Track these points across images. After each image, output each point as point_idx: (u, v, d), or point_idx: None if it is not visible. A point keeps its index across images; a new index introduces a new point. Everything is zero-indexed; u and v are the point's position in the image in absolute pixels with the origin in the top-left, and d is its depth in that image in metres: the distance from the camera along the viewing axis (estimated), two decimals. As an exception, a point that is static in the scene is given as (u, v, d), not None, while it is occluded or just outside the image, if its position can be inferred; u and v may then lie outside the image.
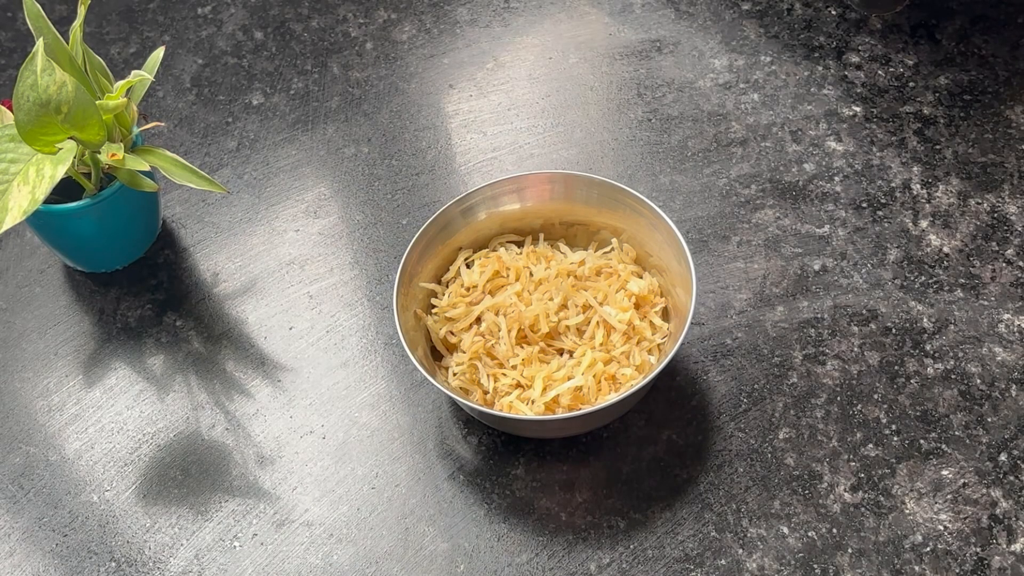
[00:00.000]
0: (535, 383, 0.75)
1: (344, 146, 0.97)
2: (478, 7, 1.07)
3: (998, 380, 0.79)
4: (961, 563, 0.71)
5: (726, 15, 1.04)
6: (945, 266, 0.85)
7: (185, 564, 0.75)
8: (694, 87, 0.99)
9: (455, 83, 1.01)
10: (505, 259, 0.81)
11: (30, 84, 0.73)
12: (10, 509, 0.78)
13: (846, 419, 0.78)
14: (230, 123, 0.99)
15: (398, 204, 0.93)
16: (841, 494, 0.75)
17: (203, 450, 0.80)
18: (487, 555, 0.74)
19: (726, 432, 0.78)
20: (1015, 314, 0.82)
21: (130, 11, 1.09)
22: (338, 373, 0.83)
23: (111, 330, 0.86)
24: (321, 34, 1.06)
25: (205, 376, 0.83)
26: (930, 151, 0.92)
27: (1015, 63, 0.98)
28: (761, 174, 0.92)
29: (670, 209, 0.90)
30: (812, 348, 0.82)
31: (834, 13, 1.03)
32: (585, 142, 0.96)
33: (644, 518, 0.75)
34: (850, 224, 0.88)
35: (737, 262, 0.87)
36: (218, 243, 0.91)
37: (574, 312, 0.78)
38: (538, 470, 0.77)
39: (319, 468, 0.78)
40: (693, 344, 0.82)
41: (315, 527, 0.76)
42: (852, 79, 0.98)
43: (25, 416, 0.82)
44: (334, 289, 0.88)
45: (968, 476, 0.75)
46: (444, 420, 0.80)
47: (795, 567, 0.72)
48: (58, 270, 0.90)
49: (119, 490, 0.78)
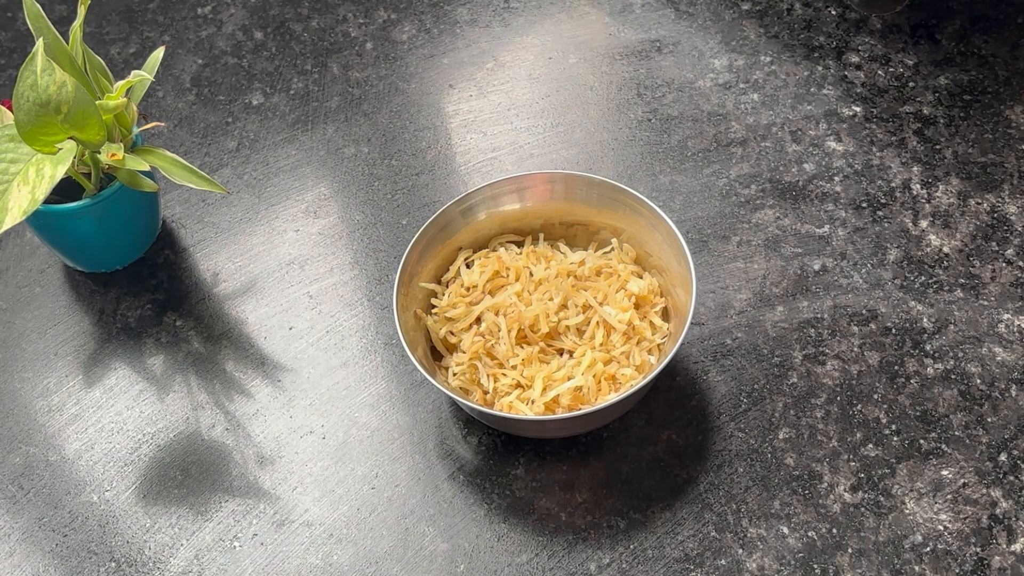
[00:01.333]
0: (535, 383, 0.75)
1: (344, 146, 0.97)
2: (478, 7, 1.07)
3: (998, 380, 0.79)
4: (961, 563, 0.71)
5: (726, 15, 1.04)
6: (945, 266, 0.85)
7: (185, 564, 0.75)
8: (694, 87, 0.99)
9: (455, 83, 1.01)
10: (505, 259, 0.81)
11: (30, 84, 0.73)
12: (10, 509, 0.78)
13: (846, 419, 0.78)
14: (230, 123, 0.99)
15: (398, 204, 0.93)
16: (841, 494, 0.75)
17: (203, 450, 0.80)
18: (487, 555, 0.74)
19: (726, 432, 0.78)
20: (1015, 314, 0.82)
21: (130, 11, 1.09)
22: (338, 373, 0.83)
23: (111, 330, 0.86)
24: (321, 34, 1.06)
25: (205, 376, 0.83)
26: (930, 151, 0.92)
27: (1015, 63, 0.98)
28: (761, 174, 0.92)
29: (670, 209, 0.90)
30: (812, 348, 0.82)
31: (834, 13, 1.03)
32: (585, 142, 0.96)
33: (644, 518, 0.75)
34: (850, 224, 0.88)
35: (737, 262, 0.87)
36: (218, 243, 0.91)
37: (574, 312, 0.78)
38: (538, 470, 0.77)
39: (319, 468, 0.78)
40: (693, 344, 0.82)
41: (315, 527, 0.76)
42: (852, 79, 0.98)
43: (25, 416, 0.82)
44: (334, 289, 0.88)
45: (968, 476, 0.75)
46: (444, 420, 0.80)
47: (795, 567, 0.72)
48: (58, 270, 0.90)
49: (119, 490, 0.78)
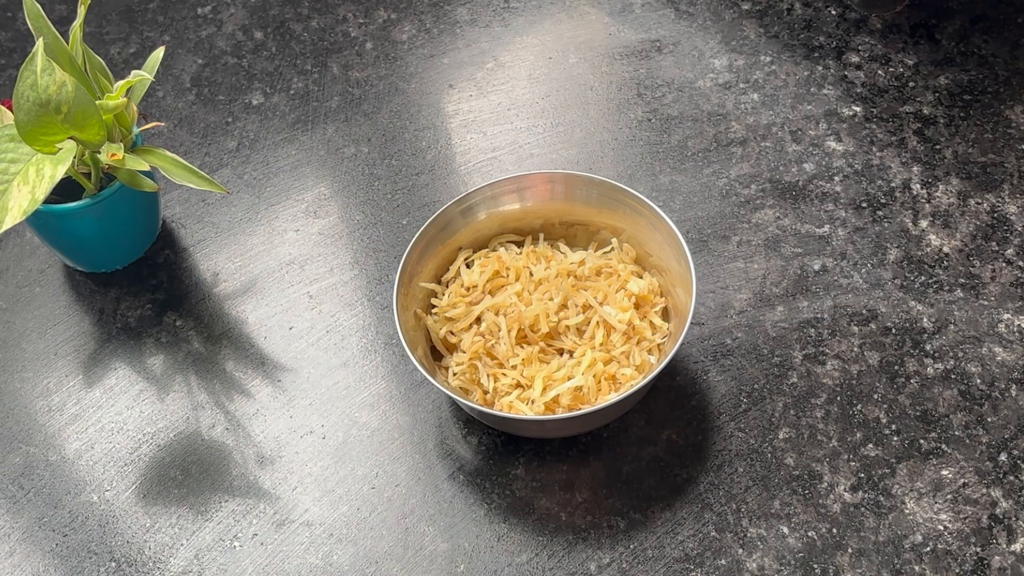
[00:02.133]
0: (535, 383, 0.75)
1: (344, 146, 0.97)
2: (478, 7, 1.07)
3: (998, 380, 0.79)
4: (961, 563, 0.71)
5: (726, 15, 1.04)
6: (945, 266, 0.85)
7: (185, 564, 0.75)
8: (694, 87, 0.99)
9: (455, 83, 1.01)
10: (505, 259, 0.81)
11: (30, 84, 0.73)
12: (10, 509, 0.78)
13: (846, 419, 0.78)
14: (230, 123, 0.99)
15: (398, 204, 0.93)
16: (841, 494, 0.75)
17: (203, 450, 0.80)
18: (487, 555, 0.74)
19: (726, 432, 0.78)
20: (1015, 314, 0.82)
21: (130, 11, 1.09)
22: (338, 373, 0.83)
23: (111, 330, 0.86)
24: (321, 34, 1.06)
25: (205, 376, 0.83)
26: (930, 151, 0.92)
27: (1015, 63, 0.98)
28: (761, 174, 0.92)
29: (670, 209, 0.90)
30: (812, 348, 0.82)
31: (834, 13, 1.03)
32: (585, 142, 0.96)
33: (644, 518, 0.75)
34: (850, 224, 0.88)
35: (737, 262, 0.87)
36: (218, 243, 0.91)
37: (574, 312, 0.78)
38: (538, 470, 0.77)
39: (319, 468, 0.78)
40: (693, 344, 0.82)
41: (315, 527, 0.76)
42: (852, 79, 0.98)
43: (25, 416, 0.82)
44: (334, 289, 0.88)
45: (968, 476, 0.75)
46: (444, 420, 0.80)
47: (795, 567, 0.72)
48: (58, 270, 0.90)
49: (119, 490, 0.78)
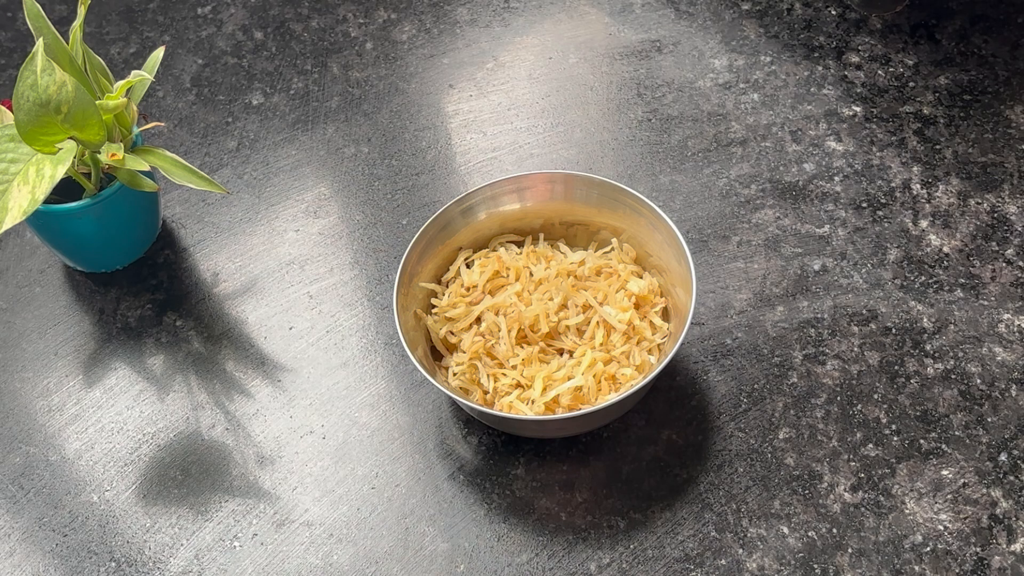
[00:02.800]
0: (535, 383, 0.75)
1: (344, 146, 0.97)
2: (478, 7, 1.07)
3: (998, 380, 0.79)
4: (961, 563, 0.71)
5: (726, 15, 1.04)
6: (945, 266, 0.85)
7: (185, 564, 0.75)
8: (694, 87, 0.99)
9: (455, 83, 1.01)
10: (505, 259, 0.81)
11: (30, 84, 0.73)
12: (10, 509, 0.78)
13: (846, 419, 0.78)
14: (230, 123, 0.99)
15: (398, 204, 0.93)
16: (841, 494, 0.75)
17: (203, 450, 0.80)
18: (487, 555, 0.74)
19: (726, 432, 0.78)
20: (1015, 314, 0.82)
21: (130, 11, 1.09)
22: (338, 373, 0.83)
23: (111, 330, 0.86)
24: (321, 34, 1.06)
25: (205, 376, 0.83)
26: (930, 151, 0.92)
27: (1015, 63, 0.98)
28: (761, 174, 0.92)
29: (670, 209, 0.90)
30: (812, 348, 0.82)
31: (834, 13, 1.03)
32: (585, 142, 0.96)
33: (644, 518, 0.75)
34: (850, 224, 0.88)
35: (737, 262, 0.87)
36: (218, 243, 0.91)
37: (574, 312, 0.78)
38: (538, 470, 0.77)
39: (319, 468, 0.78)
40: (693, 344, 0.82)
41: (315, 527, 0.76)
42: (852, 79, 0.98)
43: (25, 416, 0.82)
44: (334, 289, 0.88)
45: (968, 476, 0.75)
46: (444, 420, 0.80)
47: (795, 567, 0.72)
48: (58, 270, 0.90)
49: (119, 490, 0.78)
